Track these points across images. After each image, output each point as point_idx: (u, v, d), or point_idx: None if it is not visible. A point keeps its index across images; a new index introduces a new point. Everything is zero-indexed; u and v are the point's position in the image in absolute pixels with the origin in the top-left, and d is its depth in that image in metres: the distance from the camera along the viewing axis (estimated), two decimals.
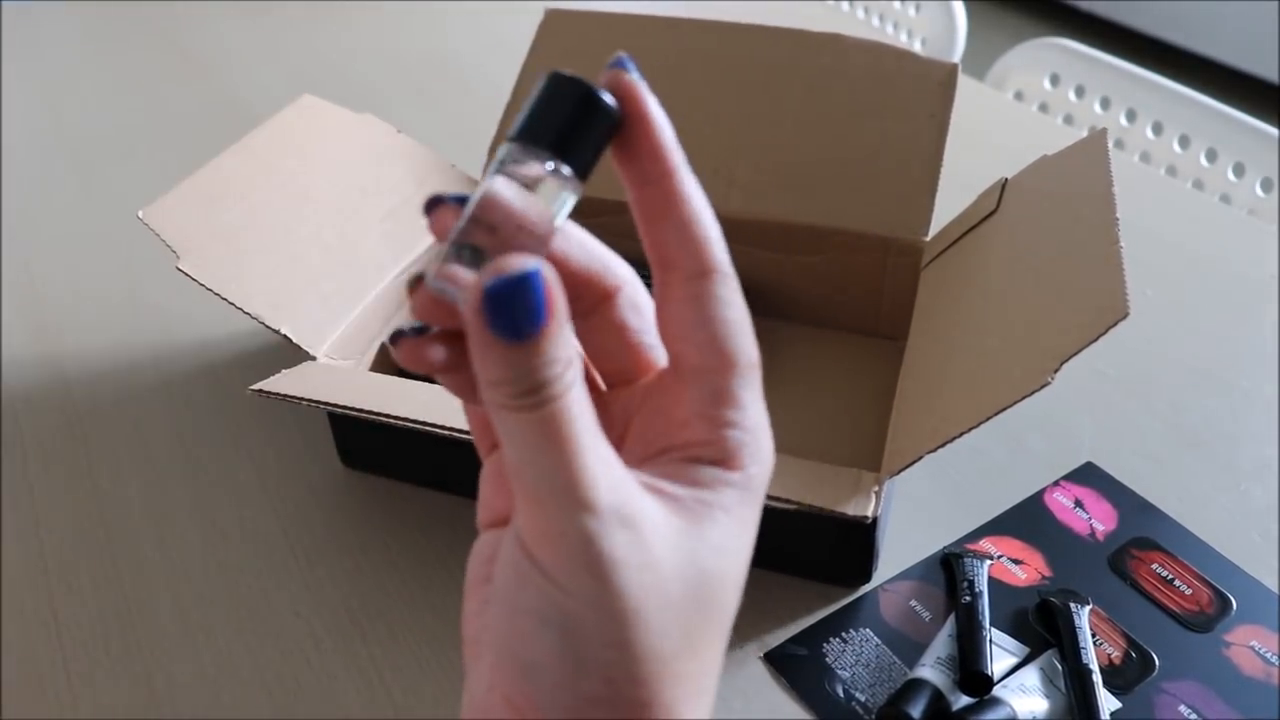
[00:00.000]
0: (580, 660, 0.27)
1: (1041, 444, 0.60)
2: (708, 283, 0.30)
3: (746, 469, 0.30)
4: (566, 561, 0.26)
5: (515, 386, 0.26)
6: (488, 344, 0.26)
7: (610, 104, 0.29)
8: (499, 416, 0.27)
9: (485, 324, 0.26)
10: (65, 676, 0.48)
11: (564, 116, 0.29)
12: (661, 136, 0.29)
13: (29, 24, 1.17)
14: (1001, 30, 2.74)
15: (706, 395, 0.30)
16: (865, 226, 0.63)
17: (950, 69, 0.64)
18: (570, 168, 0.28)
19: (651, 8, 0.73)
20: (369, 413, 0.48)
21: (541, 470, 0.26)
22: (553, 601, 0.27)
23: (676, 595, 0.28)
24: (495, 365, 0.26)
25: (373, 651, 0.49)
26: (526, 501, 0.27)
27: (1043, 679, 0.46)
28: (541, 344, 0.26)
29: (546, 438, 0.26)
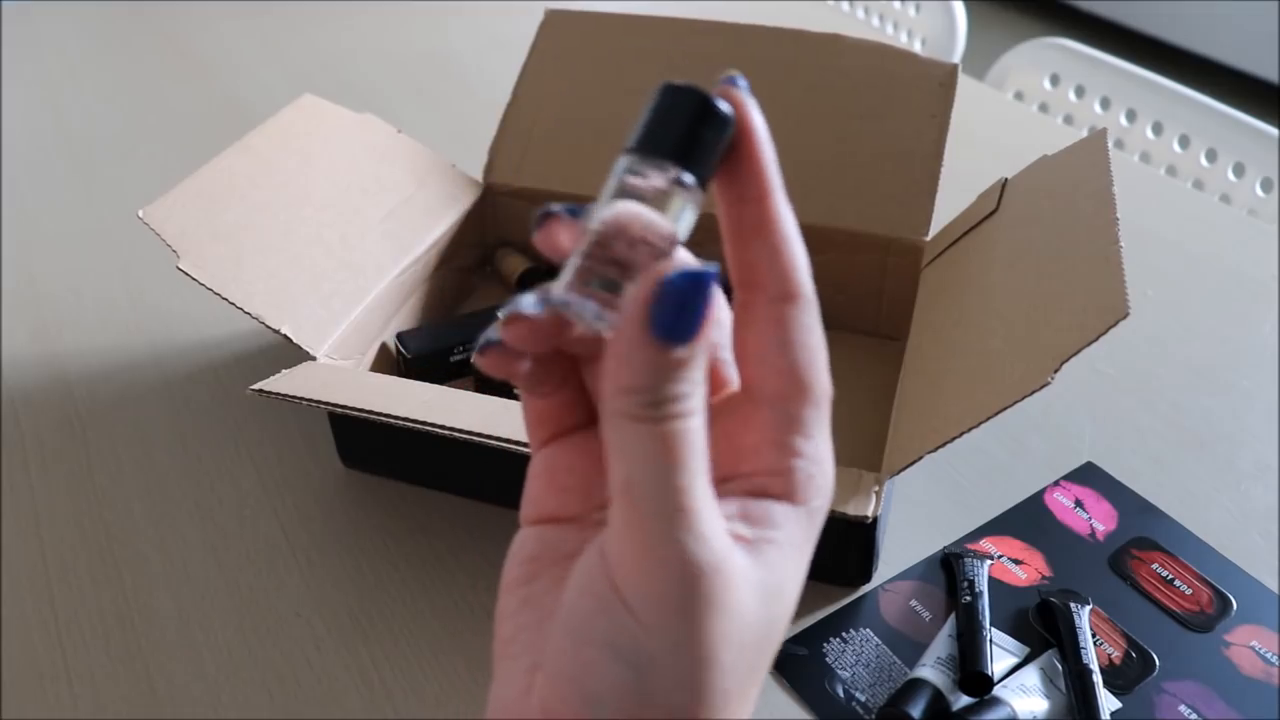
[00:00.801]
0: (648, 697, 0.26)
1: (1042, 444, 0.60)
2: (793, 307, 0.29)
3: (810, 503, 0.29)
4: (659, 598, 0.26)
5: (651, 395, 0.26)
6: (640, 345, 0.26)
7: (726, 111, 0.29)
8: (621, 427, 0.26)
9: (648, 322, 0.26)
10: (65, 676, 0.48)
11: (682, 125, 0.28)
12: (765, 156, 0.29)
13: (29, 24, 1.17)
14: (1001, 30, 2.75)
15: (780, 421, 0.29)
16: (865, 226, 0.63)
17: (950, 69, 0.64)
18: (693, 176, 0.28)
19: (651, 8, 0.73)
20: (369, 413, 0.48)
21: (656, 491, 0.26)
22: (631, 637, 0.26)
23: (748, 639, 0.27)
24: (639, 370, 0.26)
25: (373, 651, 0.49)
26: (629, 525, 0.26)
27: (1043, 679, 0.46)
28: (693, 353, 0.26)
29: (670, 456, 0.25)
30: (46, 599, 0.52)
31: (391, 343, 0.62)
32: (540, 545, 0.30)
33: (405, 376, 0.57)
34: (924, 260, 0.62)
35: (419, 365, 0.61)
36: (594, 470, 0.30)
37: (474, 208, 0.70)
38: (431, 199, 0.68)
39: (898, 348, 0.60)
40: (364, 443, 0.57)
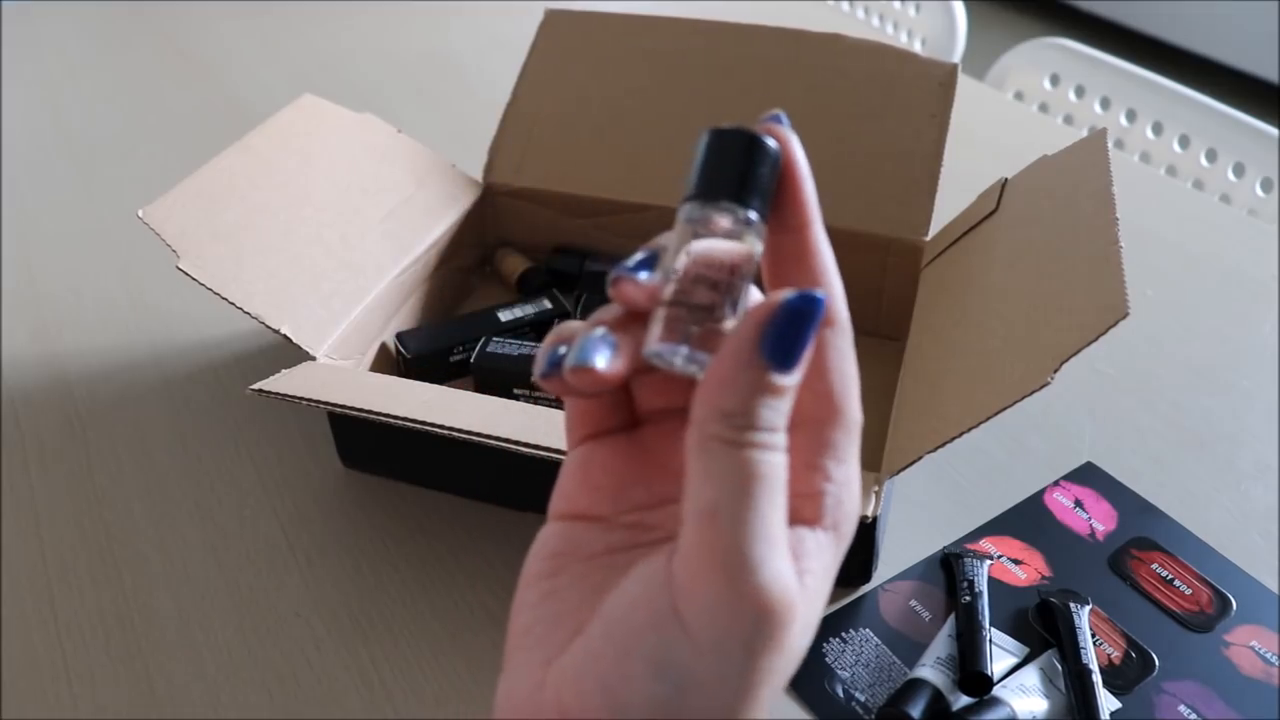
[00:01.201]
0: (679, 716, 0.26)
1: (1041, 444, 0.60)
2: (830, 333, 0.30)
3: (839, 528, 0.30)
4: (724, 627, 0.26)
5: (748, 420, 0.26)
6: (748, 366, 0.26)
7: (773, 146, 0.30)
8: (712, 450, 0.26)
9: (759, 343, 0.26)
10: (65, 676, 0.48)
11: (737, 166, 0.29)
12: (806, 188, 0.30)
13: (29, 24, 1.17)
14: (1001, 30, 2.74)
15: (813, 444, 0.30)
16: (865, 226, 0.63)
17: (950, 69, 0.64)
18: (755, 213, 0.29)
19: (651, 8, 0.73)
20: (369, 413, 0.48)
21: (742, 520, 0.26)
22: (680, 658, 0.26)
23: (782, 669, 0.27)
24: (743, 393, 0.26)
25: (373, 651, 0.49)
26: (708, 550, 0.26)
27: (1042, 679, 0.46)
28: (792, 387, 0.27)
29: (761, 486, 0.26)
30: (46, 599, 0.52)
31: (391, 343, 0.62)
32: (565, 542, 0.31)
33: (405, 376, 0.57)
34: (924, 260, 0.62)
35: (419, 365, 0.61)
36: (628, 473, 0.31)
37: (474, 208, 0.70)
38: (431, 199, 0.68)
39: (898, 348, 0.60)
40: (364, 443, 0.57)
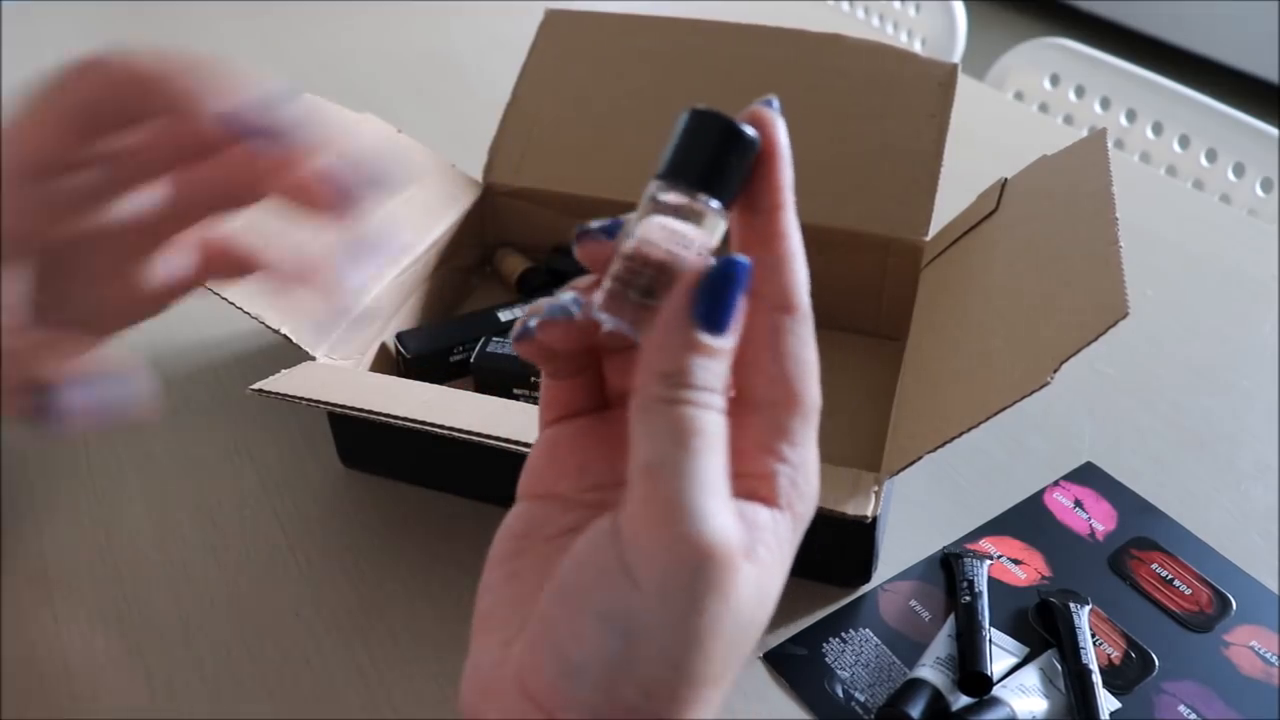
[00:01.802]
0: (630, 670, 0.27)
1: (1041, 444, 0.60)
2: (790, 318, 0.31)
3: (794, 508, 0.31)
4: (668, 574, 0.27)
5: (683, 379, 0.28)
6: (680, 329, 0.28)
7: (751, 135, 0.30)
8: (650, 409, 0.28)
9: (689, 308, 0.28)
10: (65, 676, 0.48)
11: (708, 151, 0.30)
12: (784, 173, 0.31)
13: (29, 24, 1.17)
14: (1001, 30, 2.74)
15: (769, 428, 0.30)
16: (865, 226, 0.63)
17: (950, 69, 0.64)
18: (719, 201, 0.30)
19: (651, 8, 0.73)
20: (369, 413, 0.48)
21: (679, 470, 0.27)
22: (628, 607, 0.27)
23: (735, 633, 0.28)
24: (676, 354, 0.28)
25: (373, 652, 0.49)
26: (649, 504, 0.27)
27: (1042, 679, 0.47)
28: (724, 349, 0.28)
29: (696, 441, 0.27)
30: (46, 599, 0.52)
31: (391, 343, 0.62)
32: (528, 523, 0.31)
33: (405, 376, 0.57)
34: (924, 260, 0.62)
35: (419, 365, 0.61)
36: (593, 452, 0.32)
37: (474, 208, 0.70)
38: (431, 199, 0.68)
39: (898, 348, 0.60)
40: (364, 443, 0.57)
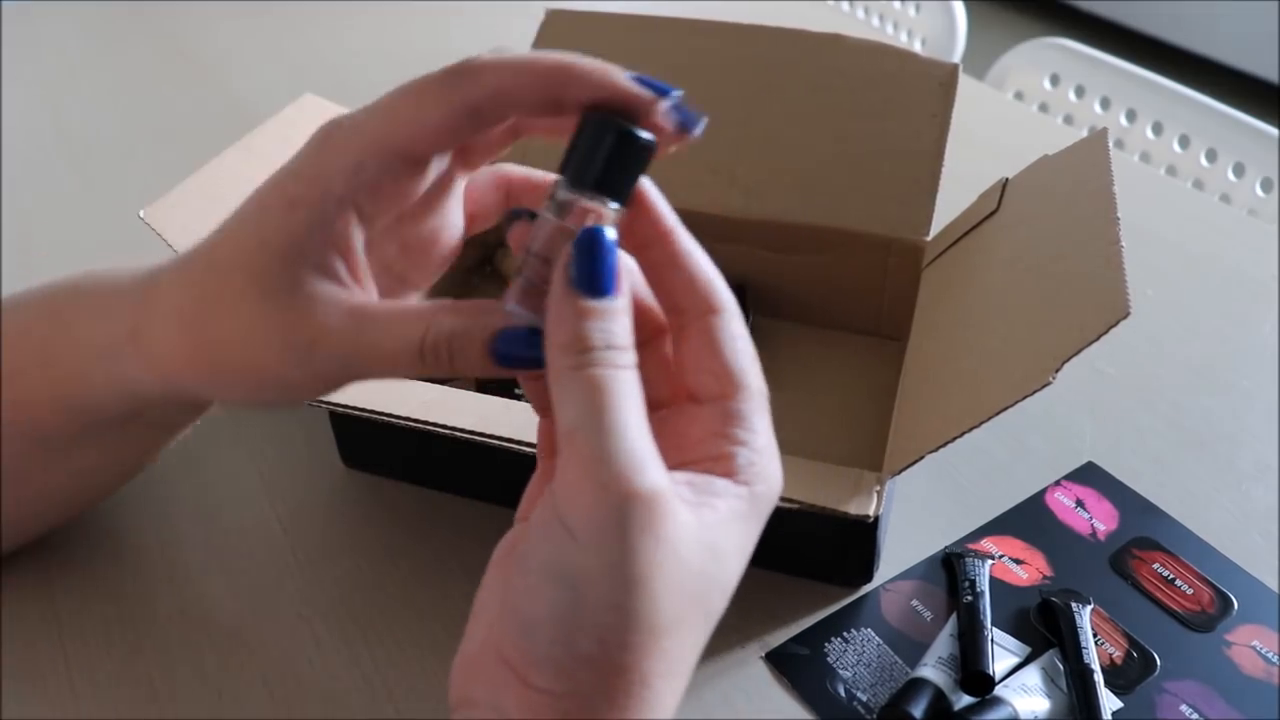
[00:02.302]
0: (580, 618, 0.29)
1: (1042, 444, 0.60)
2: (717, 318, 0.33)
3: (753, 486, 0.32)
4: (595, 517, 0.29)
5: (582, 345, 0.30)
6: (565, 301, 0.30)
7: (645, 137, 0.33)
8: (562, 380, 0.30)
9: (568, 278, 0.30)
10: (66, 676, 0.48)
11: (605, 156, 0.32)
12: (660, 204, 0.34)
13: (29, 24, 1.17)
14: (1001, 30, 2.74)
15: (720, 416, 0.32)
16: (865, 226, 0.63)
17: (950, 69, 0.64)
18: (615, 201, 0.32)
19: (651, 8, 0.73)
20: (370, 412, 0.48)
21: (593, 427, 0.29)
22: (569, 558, 0.29)
23: (679, 578, 0.30)
24: (568, 324, 0.30)
25: (373, 651, 0.49)
26: (573, 460, 0.29)
27: (1044, 679, 0.47)
28: (612, 308, 0.30)
29: (602, 396, 0.29)
30: (47, 599, 0.52)
31: None
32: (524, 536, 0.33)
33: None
34: (924, 260, 0.62)
35: None
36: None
37: None
38: None
39: (898, 348, 0.60)
40: (364, 443, 0.57)
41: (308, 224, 0.35)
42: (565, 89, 0.33)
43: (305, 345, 0.35)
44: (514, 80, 0.33)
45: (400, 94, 0.35)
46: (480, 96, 0.33)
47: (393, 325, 0.34)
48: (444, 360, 0.33)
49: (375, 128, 0.35)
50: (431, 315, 0.34)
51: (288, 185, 0.36)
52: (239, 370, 0.37)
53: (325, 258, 0.35)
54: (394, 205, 0.36)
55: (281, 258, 0.35)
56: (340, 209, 0.35)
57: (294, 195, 0.35)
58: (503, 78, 0.33)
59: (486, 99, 0.33)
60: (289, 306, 0.35)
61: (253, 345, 0.36)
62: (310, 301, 0.35)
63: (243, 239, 0.36)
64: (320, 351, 0.35)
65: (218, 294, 0.36)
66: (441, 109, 0.34)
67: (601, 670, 0.29)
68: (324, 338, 0.35)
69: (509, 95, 0.33)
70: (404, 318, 0.34)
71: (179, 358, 0.38)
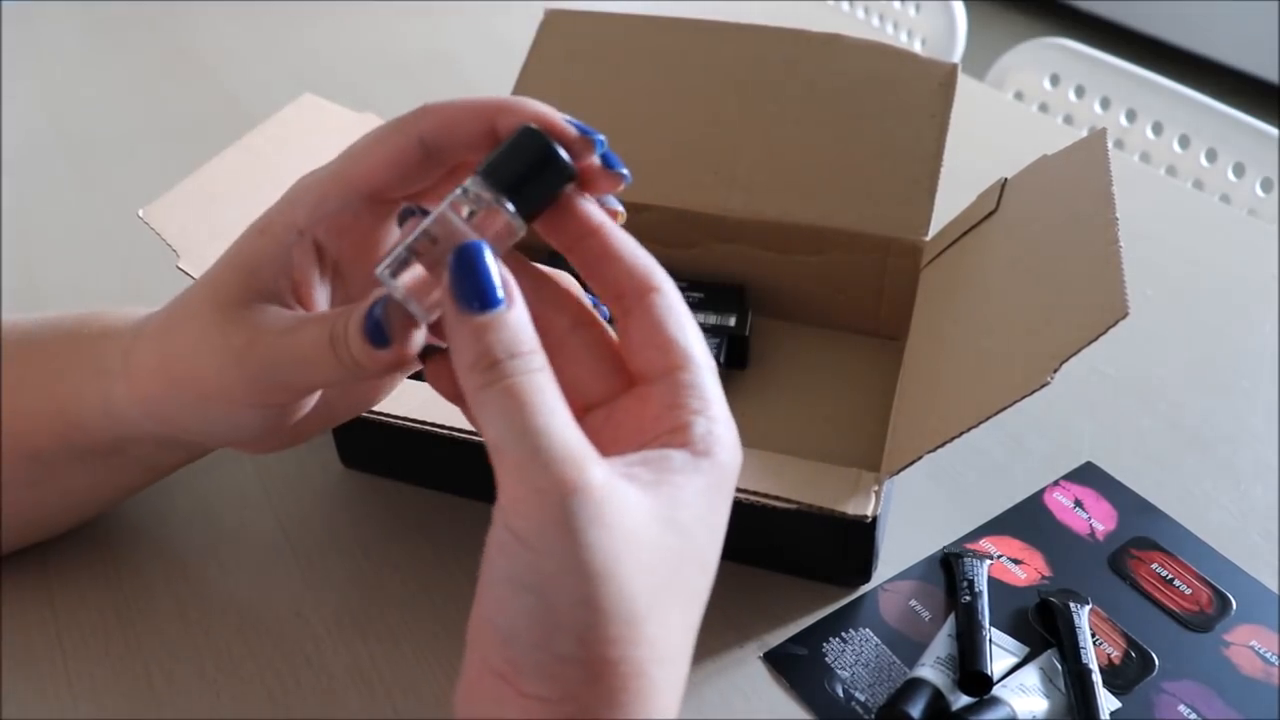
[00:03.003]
0: (553, 620, 0.29)
1: (1041, 444, 0.60)
2: (656, 296, 0.34)
3: (715, 455, 0.32)
4: (540, 521, 0.29)
5: (485, 360, 0.30)
6: (458, 321, 0.30)
7: (567, 162, 0.34)
8: (478, 401, 0.30)
9: (454, 299, 0.30)
10: (65, 676, 0.48)
11: (522, 165, 0.34)
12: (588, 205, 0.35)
13: (29, 24, 1.17)
14: (1001, 30, 2.74)
15: (671, 389, 0.33)
16: (865, 226, 0.63)
17: (950, 69, 0.64)
18: (517, 209, 0.33)
19: (651, 8, 0.73)
20: (369, 412, 0.48)
21: (515, 435, 0.29)
22: (527, 565, 0.29)
23: (642, 560, 0.29)
24: (466, 341, 0.30)
25: (373, 652, 0.49)
26: (506, 472, 0.29)
27: (1042, 679, 0.47)
28: (505, 319, 0.30)
29: (517, 403, 0.29)
30: (46, 599, 0.52)
31: None
32: None
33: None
34: (924, 260, 0.62)
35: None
36: None
37: None
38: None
39: (897, 348, 0.60)
40: (364, 443, 0.57)
41: (270, 249, 0.38)
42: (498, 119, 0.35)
43: (238, 349, 0.37)
44: (458, 113, 0.36)
45: (362, 138, 0.38)
46: (427, 128, 0.36)
47: (311, 327, 0.36)
48: (343, 350, 0.35)
49: (339, 168, 0.38)
50: (336, 314, 0.36)
51: (264, 217, 0.39)
52: (187, 380, 0.39)
53: (278, 282, 0.38)
54: (354, 241, 0.39)
55: (239, 276, 0.38)
56: (300, 239, 0.38)
57: (265, 224, 0.38)
58: (448, 113, 0.36)
59: (432, 130, 0.36)
60: (233, 319, 0.38)
61: (199, 354, 0.38)
62: (252, 313, 0.38)
63: (218, 262, 0.39)
64: (250, 355, 0.37)
65: (183, 310, 0.40)
66: (394, 146, 0.36)
67: (590, 667, 0.29)
68: (255, 341, 0.37)
69: (453, 127, 0.36)
70: (319, 319, 0.36)
71: (149, 374, 0.41)
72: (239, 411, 0.39)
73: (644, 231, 0.68)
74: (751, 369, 0.64)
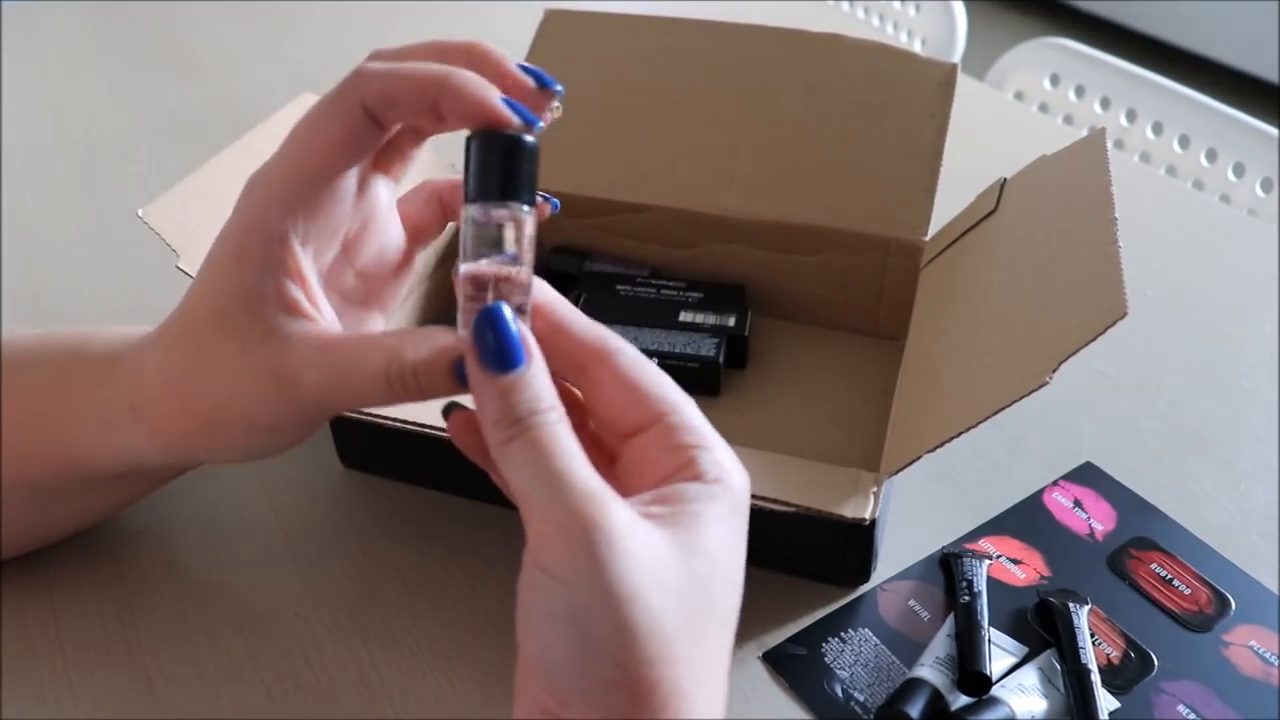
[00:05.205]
0: (590, 648, 0.30)
1: (1041, 444, 0.60)
2: (618, 357, 0.35)
3: (726, 481, 0.34)
4: (567, 554, 0.30)
5: (509, 417, 0.31)
6: (483, 382, 0.32)
7: (530, 141, 0.35)
8: (503, 456, 0.32)
9: (479, 365, 0.32)
10: (65, 677, 0.48)
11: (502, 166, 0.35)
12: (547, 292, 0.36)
13: (29, 24, 1.17)
14: (1001, 30, 2.74)
15: (665, 433, 0.34)
16: (865, 226, 0.63)
17: (949, 69, 0.64)
18: (523, 204, 0.35)
19: (651, 8, 0.73)
20: (369, 413, 0.48)
21: (539, 481, 0.31)
22: (560, 597, 0.30)
23: (670, 584, 0.31)
24: (491, 401, 0.32)
25: (373, 652, 0.49)
26: (532, 515, 0.31)
27: (1041, 679, 0.47)
28: (525, 378, 0.32)
29: (540, 452, 0.31)
30: (46, 599, 0.52)
31: None
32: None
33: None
34: (923, 260, 0.62)
35: None
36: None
37: None
38: None
39: (897, 348, 0.60)
40: (364, 443, 0.57)
41: (259, 270, 0.37)
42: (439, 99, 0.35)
43: (290, 387, 0.37)
44: (398, 85, 0.36)
45: (302, 121, 0.38)
46: (369, 98, 0.36)
47: (359, 357, 0.36)
48: (413, 389, 0.35)
49: (288, 160, 0.38)
50: (393, 346, 0.36)
51: (229, 242, 0.38)
52: (234, 426, 0.39)
53: (285, 294, 0.37)
54: (330, 225, 0.39)
55: (247, 309, 0.37)
56: (283, 244, 0.37)
57: (237, 249, 0.38)
58: (388, 84, 0.36)
59: (375, 100, 0.36)
60: (268, 355, 0.37)
61: (243, 398, 0.38)
62: (285, 344, 0.37)
63: (206, 302, 0.39)
64: (303, 391, 0.37)
65: (200, 358, 0.39)
66: (339, 119, 0.36)
67: (631, 689, 0.30)
68: (304, 376, 0.37)
69: (394, 99, 0.36)
70: (367, 349, 0.36)
71: (178, 427, 0.40)
72: (283, 435, 0.40)
73: (644, 231, 0.69)
74: (751, 369, 0.64)
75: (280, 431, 0.39)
